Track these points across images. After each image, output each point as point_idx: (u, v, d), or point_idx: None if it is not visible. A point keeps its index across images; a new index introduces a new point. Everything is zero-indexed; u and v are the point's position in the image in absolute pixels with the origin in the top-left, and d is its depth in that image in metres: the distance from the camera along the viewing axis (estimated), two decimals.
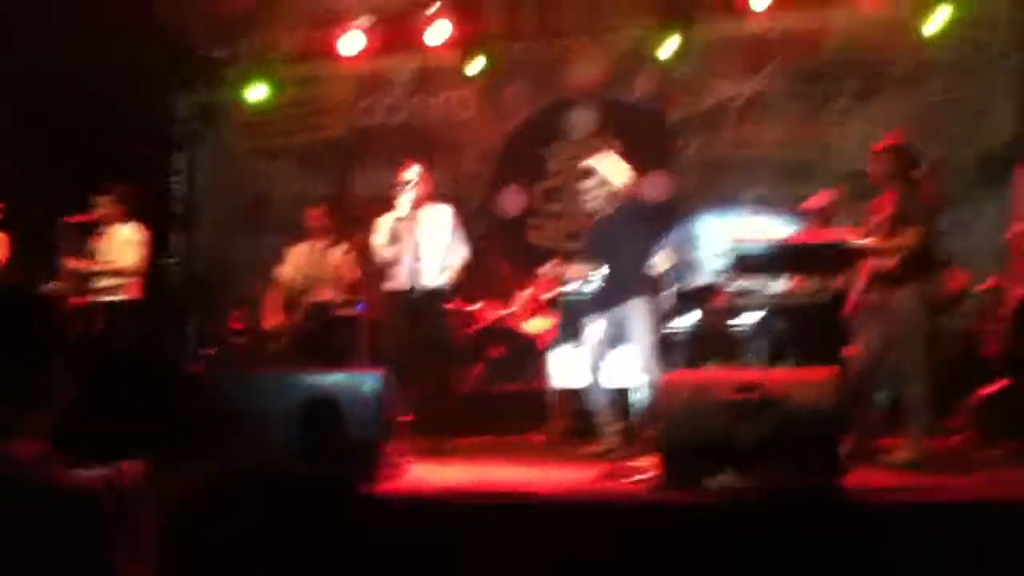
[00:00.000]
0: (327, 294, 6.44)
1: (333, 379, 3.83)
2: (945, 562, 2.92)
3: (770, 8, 8.23)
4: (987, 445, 5.19)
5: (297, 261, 6.57)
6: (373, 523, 3.28)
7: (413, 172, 5.75)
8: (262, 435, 3.61)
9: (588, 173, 5.49)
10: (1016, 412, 5.01)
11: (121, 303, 6.27)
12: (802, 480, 3.34)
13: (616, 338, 5.34)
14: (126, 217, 6.50)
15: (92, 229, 6.50)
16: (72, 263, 6.23)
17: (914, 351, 4.63)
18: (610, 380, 5.57)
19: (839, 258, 5.12)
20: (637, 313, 5.22)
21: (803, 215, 6.42)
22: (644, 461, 4.06)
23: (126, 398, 3.56)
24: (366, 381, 3.76)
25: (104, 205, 6.42)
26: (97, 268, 6.31)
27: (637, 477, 3.85)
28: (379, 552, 3.19)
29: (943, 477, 4.10)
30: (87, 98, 7.86)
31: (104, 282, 6.30)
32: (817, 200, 6.39)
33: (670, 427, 3.64)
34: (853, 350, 4.98)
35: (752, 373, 3.64)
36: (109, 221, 6.45)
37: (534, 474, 4.65)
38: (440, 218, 5.85)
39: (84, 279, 6.27)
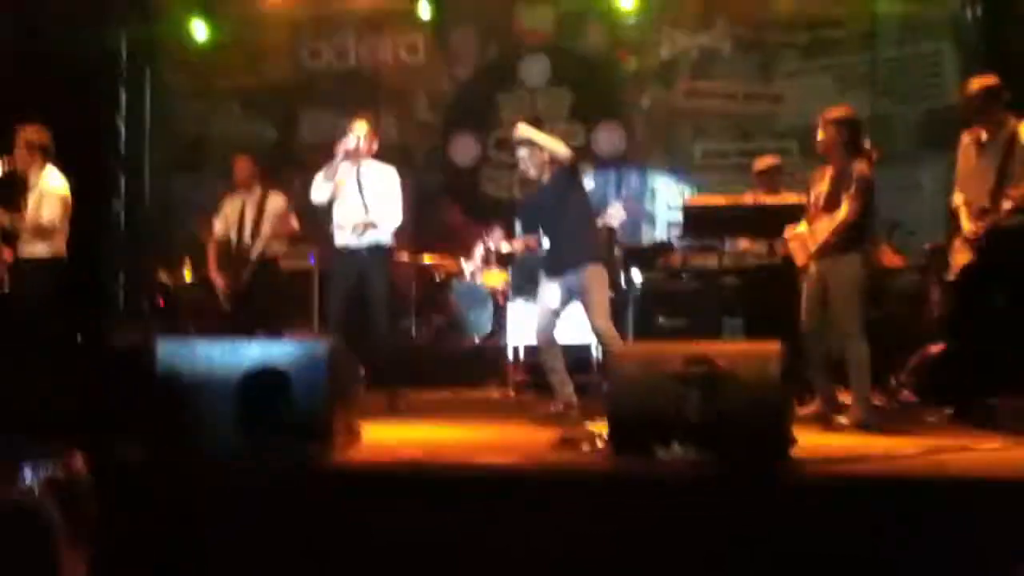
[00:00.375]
0: (269, 247, 6.28)
1: (280, 348, 3.76)
2: (888, 534, 3.00)
3: None
4: (929, 404, 5.34)
5: (231, 214, 6.39)
6: (324, 498, 3.26)
7: (360, 128, 5.58)
8: (204, 408, 3.53)
9: (523, 142, 5.37)
10: (954, 375, 5.14)
11: (36, 261, 5.63)
12: (751, 453, 3.39)
13: (569, 303, 5.33)
14: (42, 163, 5.75)
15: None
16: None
17: (850, 316, 4.75)
18: (565, 337, 5.58)
19: (785, 221, 5.16)
20: (590, 278, 5.19)
21: (752, 178, 6.43)
22: (596, 426, 4.08)
23: (34, 368, 3.47)
24: (315, 348, 3.69)
25: (25, 150, 5.68)
26: (15, 224, 5.65)
27: (590, 446, 3.88)
28: (329, 527, 3.18)
29: (889, 438, 4.24)
30: (22, 35, 7.52)
31: (27, 239, 5.67)
32: (764, 162, 6.40)
33: (618, 398, 3.66)
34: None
35: (700, 346, 3.65)
36: (25, 169, 5.72)
37: (488, 436, 4.68)
38: (385, 178, 5.72)
39: (8, 236, 5.73)
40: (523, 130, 5.38)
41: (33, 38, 7.48)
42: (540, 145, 5.31)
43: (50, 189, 5.70)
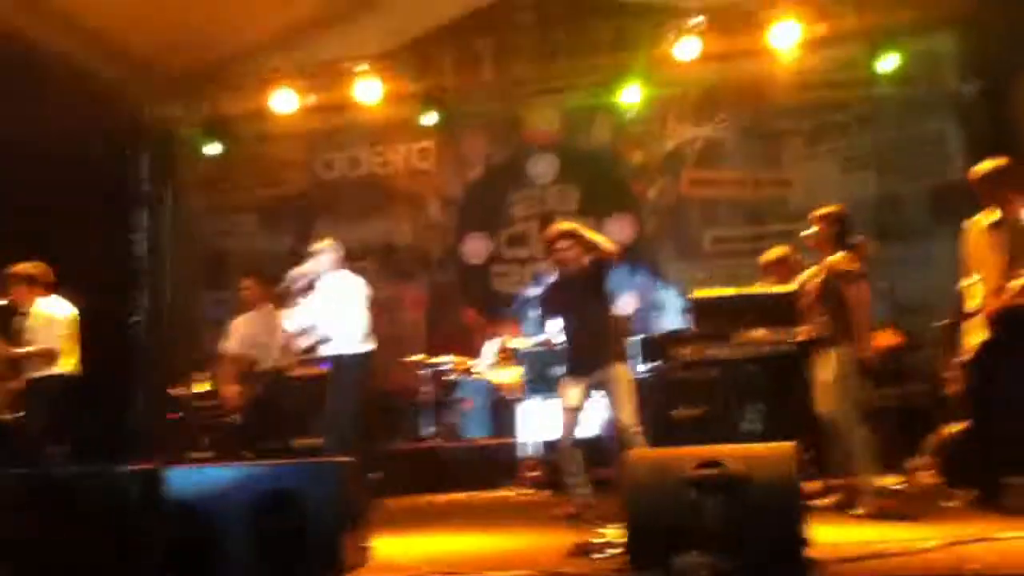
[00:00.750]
0: (278, 361, 6.38)
1: (290, 470, 3.77)
2: None
3: (718, 57, 8.33)
4: (952, 486, 5.22)
5: (241, 332, 6.52)
6: None
7: (326, 244, 5.80)
8: (215, 537, 3.52)
9: (566, 235, 5.43)
10: (975, 454, 5.04)
11: (43, 379, 5.79)
12: (769, 557, 3.33)
13: (589, 399, 5.34)
14: (43, 293, 6.01)
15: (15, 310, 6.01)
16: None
17: (845, 406, 4.81)
18: (583, 432, 5.57)
19: (789, 311, 5.20)
20: (619, 375, 5.22)
21: (761, 270, 6.44)
22: (613, 531, 4.03)
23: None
24: (325, 470, 3.70)
25: (13, 284, 5.94)
26: (19, 352, 5.84)
27: (604, 554, 3.82)
28: None
29: (908, 527, 4.16)
30: (43, 163, 7.78)
31: (33, 364, 5.85)
32: (771, 254, 6.41)
33: (633, 506, 3.61)
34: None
35: (715, 449, 3.62)
36: (23, 301, 5.95)
37: (501, 544, 4.62)
38: (354, 287, 5.90)
39: (12, 365, 5.85)
40: (567, 224, 5.46)
41: (54, 159, 7.73)
42: (585, 239, 5.34)
43: (43, 316, 5.91)
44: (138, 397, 7.64)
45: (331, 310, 5.87)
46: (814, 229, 5.10)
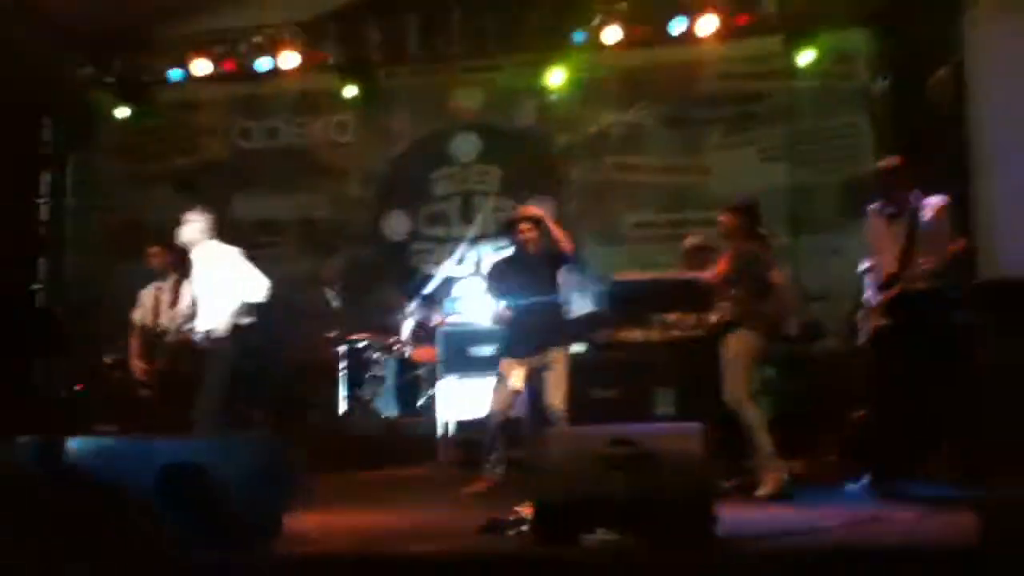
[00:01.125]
0: (183, 332, 6.22)
1: (201, 444, 3.69)
2: None
3: (640, 44, 8.42)
4: (854, 470, 5.42)
5: (147, 301, 6.36)
6: None
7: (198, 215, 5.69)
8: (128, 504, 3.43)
9: (530, 219, 5.56)
10: (874, 440, 5.24)
11: None
12: (676, 535, 3.40)
13: (532, 382, 5.45)
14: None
15: None
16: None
17: (735, 389, 5.02)
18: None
19: (704, 297, 5.34)
20: (560, 359, 5.45)
21: (680, 256, 6.55)
22: (524, 509, 4.06)
23: None
24: (235, 444, 3.64)
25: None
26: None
27: (515, 530, 3.86)
28: None
29: (811, 510, 4.30)
30: None
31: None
32: (690, 242, 6.51)
33: (544, 484, 3.65)
34: None
35: (624, 427, 3.68)
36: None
37: (416, 521, 4.62)
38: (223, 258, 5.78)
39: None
40: (535, 209, 5.57)
41: None
42: (549, 229, 5.44)
43: None
44: (39, 368, 7.36)
45: (203, 282, 5.71)
46: (723, 220, 5.24)
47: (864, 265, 5.30)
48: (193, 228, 5.79)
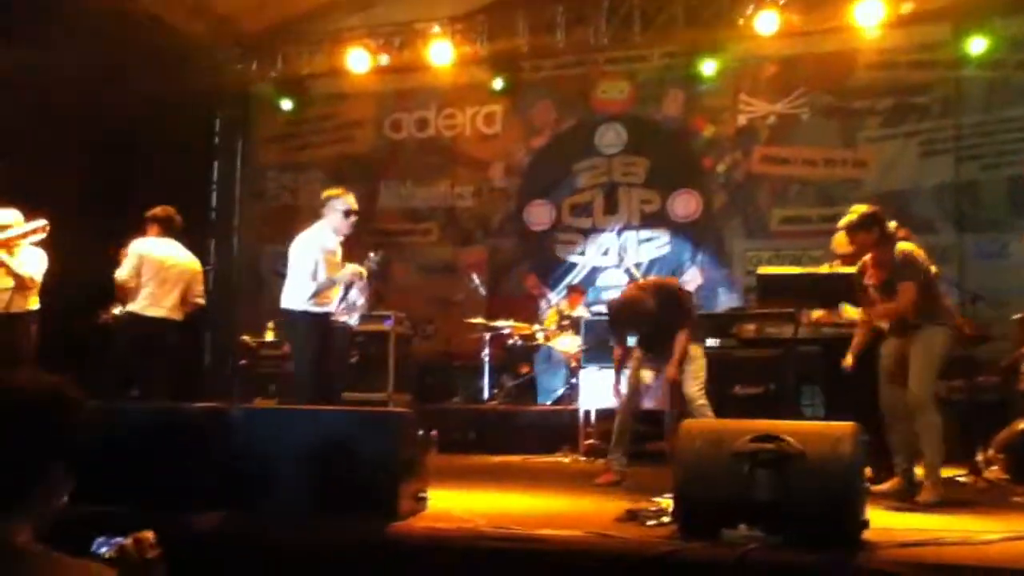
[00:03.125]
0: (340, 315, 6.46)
1: (352, 417, 3.84)
2: None
3: (800, 31, 8.16)
4: (1018, 482, 5.11)
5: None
6: (388, 570, 3.30)
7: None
8: (275, 478, 3.62)
9: None
10: None
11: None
12: (821, 537, 3.30)
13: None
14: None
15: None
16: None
17: (922, 386, 4.67)
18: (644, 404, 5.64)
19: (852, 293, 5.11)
20: (694, 351, 5.39)
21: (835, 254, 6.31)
22: (665, 500, 4.03)
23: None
24: (386, 419, 3.77)
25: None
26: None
27: (655, 521, 3.83)
28: None
29: (970, 518, 4.07)
30: (127, 118, 7.99)
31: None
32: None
33: (686, 476, 3.59)
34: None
35: (770, 424, 3.58)
36: None
37: (555, 505, 4.65)
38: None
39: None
40: None
41: (133, 115, 7.92)
42: None
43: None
44: (208, 343, 7.85)
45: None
46: (853, 241, 4.96)
47: None
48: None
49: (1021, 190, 8.04)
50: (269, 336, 7.78)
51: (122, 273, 5.83)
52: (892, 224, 5.05)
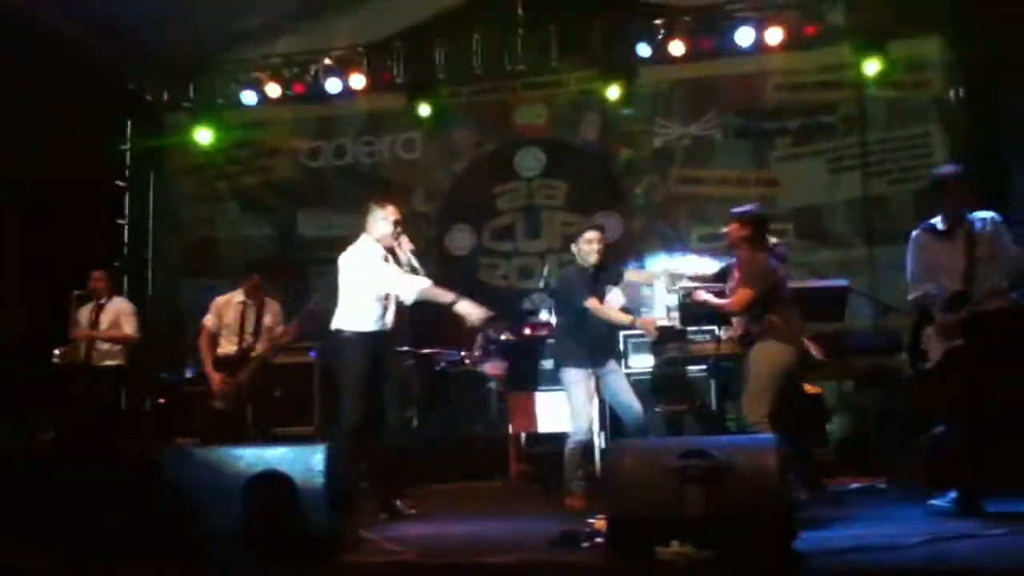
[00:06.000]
0: (260, 347, 6.34)
1: (279, 453, 3.75)
2: None
3: (709, 55, 8.39)
4: (934, 488, 5.27)
5: (229, 316, 6.47)
6: None
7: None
8: (209, 512, 3.52)
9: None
10: (959, 456, 5.08)
11: (112, 369, 6.95)
12: (753, 548, 3.34)
13: (600, 394, 5.50)
14: (113, 292, 7.18)
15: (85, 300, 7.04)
16: (84, 333, 6.88)
17: (750, 401, 4.80)
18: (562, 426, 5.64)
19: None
20: (618, 369, 5.56)
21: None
22: (598, 522, 4.04)
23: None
24: (313, 454, 3.69)
25: (97, 280, 7.01)
26: (107, 336, 6.94)
27: (589, 543, 3.84)
28: None
29: (893, 526, 4.19)
30: (34, 141, 7.75)
31: (105, 348, 6.94)
32: None
33: (615, 495, 3.62)
34: None
35: (698, 440, 3.64)
36: (101, 295, 7.03)
37: (489, 533, 4.63)
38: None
39: (90, 346, 6.86)
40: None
41: (39, 144, 7.69)
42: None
43: (131, 310, 7.18)
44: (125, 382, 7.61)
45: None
46: (731, 228, 5.15)
47: (915, 293, 5.05)
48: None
49: (926, 203, 8.33)
50: (188, 373, 7.58)
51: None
52: (772, 239, 5.21)
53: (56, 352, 6.74)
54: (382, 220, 5.45)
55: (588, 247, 5.65)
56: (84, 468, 3.71)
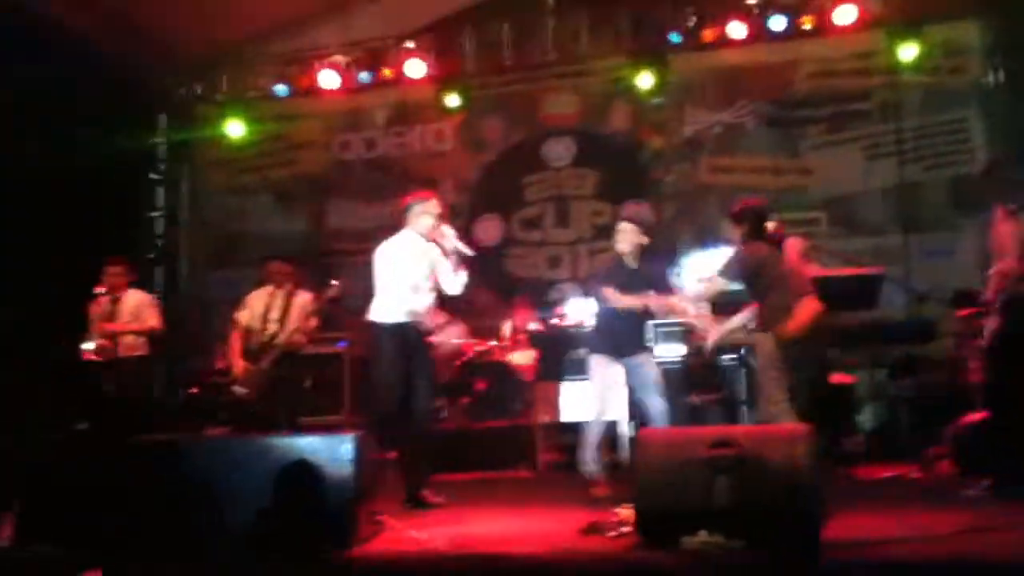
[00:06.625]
0: (292, 338, 6.36)
1: (307, 442, 3.77)
2: None
3: (742, 42, 8.28)
4: (968, 475, 5.19)
5: (256, 306, 6.52)
6: None
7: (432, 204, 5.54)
8: (237, 503, 3.55)
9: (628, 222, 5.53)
10: (994, 444, 5.00)
11: (140, 359, 6.90)
12: (781, 539, 3.31)
13: (626, 383, 5.45)
14: (128, 284, 7.06)
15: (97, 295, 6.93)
16: (110, 326, 6.79)
17: (763, 396, 4.82)
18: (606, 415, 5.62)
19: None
20: (648, 362, 5.41)
21: None
22: (625, 511, 4.02)
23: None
24: (342, 443, 3.71)
25: (114, 274, 6.92)
26: (131, 328, 6.87)
27: (616, 532, 3.82)
28: None
29: (925, 515, 4.12)
30: (68, 141, 7.85)
31: (129, 340, 6.86)
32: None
33: (644, 485, 3.60)
34: None
35: (727, 429, 3.61)
36: (118, 289, 6.94)
37: (515, 522, 4.62)
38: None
39: (113, 339, 6.80)
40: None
41: (75, 139, 7.80)
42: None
43: (151, 301, 7.14)
44: (157, 372, 7.73)
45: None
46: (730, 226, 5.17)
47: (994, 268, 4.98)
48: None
49: (963, 190, 8.23)
50: (219, 363, 7.64)
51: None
52: (771, 224, 5.14)
53: (86, 347, 6.72)
54: (424, 214, 5.44)
55: (619, 236, 5.59)
56: (110, 463, 3.75)
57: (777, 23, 8.16)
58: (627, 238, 5.53)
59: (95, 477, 3.59)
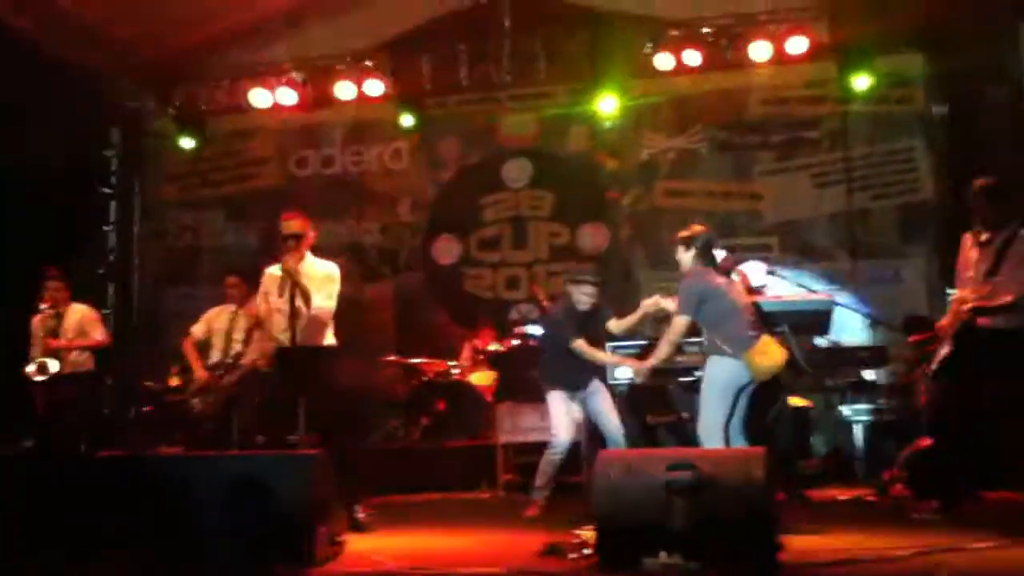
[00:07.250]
0: (259, 363, 6.27)
1: (262, 461, 3.72)
2: None
3: (695, 69, 8.41)
4: (919, 498, 5.28)
5: (217, 322, 6.45)
6: None
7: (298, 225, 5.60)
8: (191, 522, 3.49)
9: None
10: (941, 468, 5.10)
11: (88, 374, 6.76)
12: (739, 560, 3.34)
13: (582, 410, 5.72)
14: (70, 298, 6.83)
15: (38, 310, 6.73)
16: (54, 343, 6.60)
17: (703, 417, 4.85)
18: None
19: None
20: (600, 388, 5.73)
21: None
22: (586, 533, 4.03)
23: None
24: (297, 461, 3.66)
25: (56, 289, 6.72)
26: (76, 344, 6.69)
27: (577, 554, 3.82)
28: None
29: (880, 537, 4.18)
30: (16, 148, 7.68)
31: (73, 356, 6.68)
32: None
33: (604, 507, 3.61)
34: None
35: (684, 451, 3.64)
36: (61, 304, 6.75)
37: (475, 543, 4.60)
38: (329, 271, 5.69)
39: (57, 356, 6.61)
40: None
41: (26, 152, 7.63)
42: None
43: (96, 315, 6.95)
44: (108, 389, 7.56)
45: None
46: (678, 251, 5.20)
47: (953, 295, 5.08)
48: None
49: (910, 218, 8.45)
50: (174, 381, 7.50)
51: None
52: (720, 254, 5.26)
53: (29, 370, 6.50)
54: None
55: (584, 297, 5.71)
56: (68, 475, 3.66)
57: (730, 52, 8.29)
58: (590, 301, 5.74)
59: (40, 495, 3.50)
